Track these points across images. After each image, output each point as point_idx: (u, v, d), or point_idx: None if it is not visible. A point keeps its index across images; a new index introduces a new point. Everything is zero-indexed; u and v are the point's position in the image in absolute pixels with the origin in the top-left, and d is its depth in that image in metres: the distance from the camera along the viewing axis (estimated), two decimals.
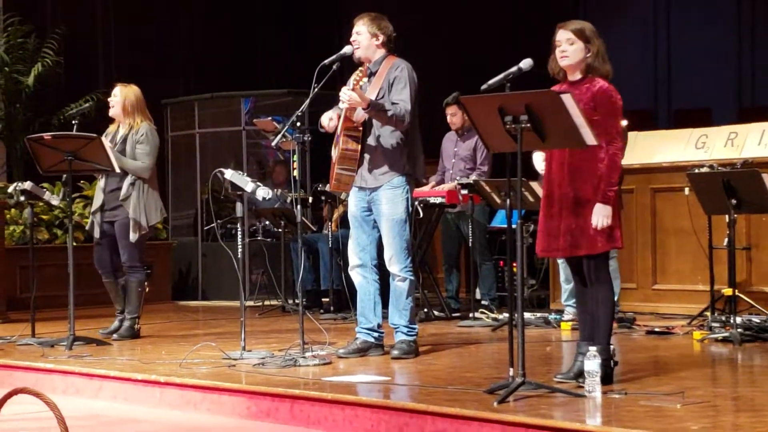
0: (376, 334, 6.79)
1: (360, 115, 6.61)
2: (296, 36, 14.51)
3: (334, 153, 6.77)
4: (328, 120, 6.73)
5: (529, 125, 5.05)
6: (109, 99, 8.16)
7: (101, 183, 8.08)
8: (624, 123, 8.38)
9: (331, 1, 14.82)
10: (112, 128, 8.16)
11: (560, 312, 8.50)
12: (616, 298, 8.25)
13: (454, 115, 9.38)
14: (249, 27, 14.71)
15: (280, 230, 10.31)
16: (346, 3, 14.56)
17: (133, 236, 7.87)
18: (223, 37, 14.26)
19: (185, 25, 14.35)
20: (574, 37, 5.41)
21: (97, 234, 8.05)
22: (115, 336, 7.97)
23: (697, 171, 7.71)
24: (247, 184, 6.83)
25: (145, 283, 8.10)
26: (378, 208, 6.70)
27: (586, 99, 5.35)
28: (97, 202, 8.07)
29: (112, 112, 8.11)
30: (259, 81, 14.37)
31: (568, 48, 5.42)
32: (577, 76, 5.46)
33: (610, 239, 5.37)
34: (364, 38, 6.71)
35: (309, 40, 14.01)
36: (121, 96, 8.04)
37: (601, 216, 5.31)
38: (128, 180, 7.89)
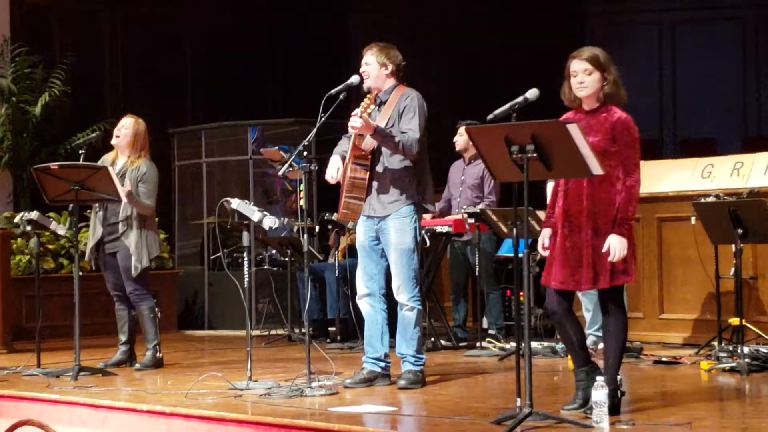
0: (383, 364, 6.77)
1: (369, 143, 6.62)
2: (303, 65, 14.57)
3: (343, 181, 6.76)
4: (336, 171, 6.70)
5: (535, 155, 5.06)
6: (116, 128, 8.14)
7: (100, 215, 8.02)
8: None
9: (338, 31, 14.89)
10: (109, 157, 8.12)
11: None
12: None
13: (461, 135, 9.36)
14: (256, 56, 14.77)
15: (286, 259, 10.30)
16: (353, 32, 14.64)
17: (134, 272, 7.87)
18: (229, 66, 14.31)
19: (192, 54, 14.42)
20: (591, 67, 5.40)
21: (94, 265, 8.05)
22: (137, 365, 7.94)
23: (703, 200, 7.71)
24: (254, 213, 6.83)
25: (156, 309, 8.08)
26: (386, 237, 6.70)
27: (604, 129, 5.35)
28: (96, 234, 8.02)
29: (116, 142, 8.07)
30: (265, 110, 14.42)
31: (586, 78, 5.41)
32: (594, 104, 5.45)
33: (627, 273, 5.37)
34: (373, 68, 6.73)
35: (316, 69, 14.06)
36: (132, 129, 8.02)
37: (617, 248, 5.30)
38: (121, 216, 7.87)
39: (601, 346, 6.27)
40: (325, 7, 14.76)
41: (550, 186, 5.93)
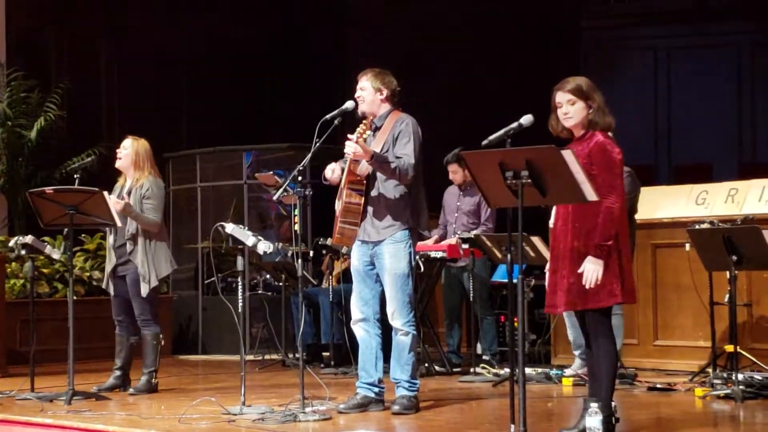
0: (376, 389, 6.76)
1: (364, 168, 6.63)
2: (298, 90, 14.61)
3: (338, 206, 6.78)
4: (331, 172, 6.74)
5: (529, 180, 5.07)
6: (117, 150, 8.16)
7: (110, 240, 8.07)
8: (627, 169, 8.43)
9: (333, 56, 14.94)
10: (120, 182, 8.18)
11: (562, 367, 8.47)
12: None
13: (455, 173, 9.43)
14: (251, 81, 14.80)
15: (280, 284, 10.29)
16: (348, 58, 14.69)
17: (143, 290, 7.87)
18: (225, 91, 14.34)
19: (188, 79, 14.44)
20: (574, 97, 5.45)
21: (111, 290, 8.06)
22: (131, 390, 7.93)
23: (697, 227, 7.71)
24: (248, 238, 6.83)
25: (161, 336, 8.06)
26: (381, 262, 6.70)
27: (584, 154, 5.39)
28: (111, 261, 8.05)
29: (118, 164, 8.11)
30: (260, 135, 14.44)
31: (570, 109, 5.46)
32: (581, 132, 5.50)
33: (610, 294, 5.37)
34: (368, 93, 6.75)
35: (311, 94, 14.10)
36: (132, 149, 8.05)
37: (590, 270, 5.30)
38: (127, 235, 7.88)
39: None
40: (323, 20, 14.85)
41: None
